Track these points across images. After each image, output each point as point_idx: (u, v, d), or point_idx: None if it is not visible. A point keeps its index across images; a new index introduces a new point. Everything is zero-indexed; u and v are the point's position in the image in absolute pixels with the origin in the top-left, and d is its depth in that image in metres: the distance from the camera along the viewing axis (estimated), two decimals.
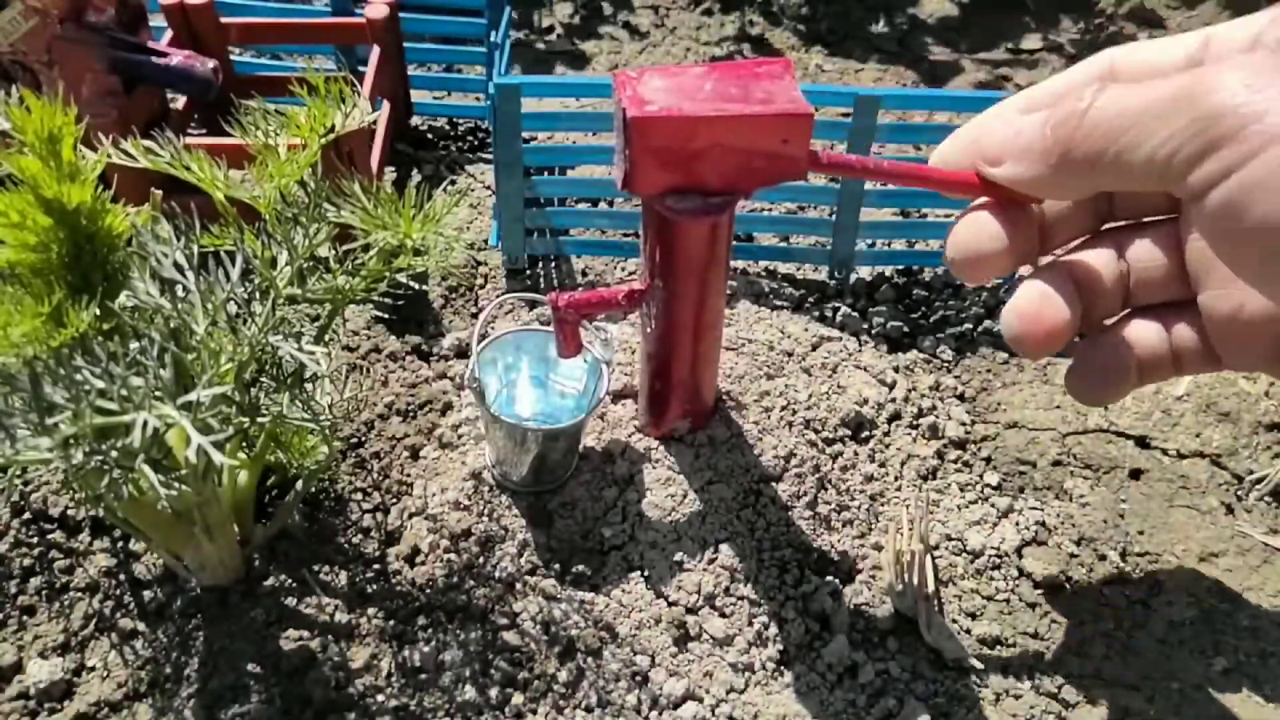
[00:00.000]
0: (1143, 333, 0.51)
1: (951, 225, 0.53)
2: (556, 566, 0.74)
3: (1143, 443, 0.89)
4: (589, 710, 0.67)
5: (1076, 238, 0.54)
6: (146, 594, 0.72)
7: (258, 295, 0.59)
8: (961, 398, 0.93)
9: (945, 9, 1.61)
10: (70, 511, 0.75)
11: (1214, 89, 0.41)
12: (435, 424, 0.84)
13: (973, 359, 0.96)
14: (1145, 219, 0.53)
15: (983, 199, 0.53)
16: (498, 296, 0.95)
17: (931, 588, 0.75)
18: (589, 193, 1.07)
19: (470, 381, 0.71)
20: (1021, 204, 0.52)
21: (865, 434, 0.85)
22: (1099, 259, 0.52)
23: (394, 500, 0.78)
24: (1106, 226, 0.54)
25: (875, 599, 0.75)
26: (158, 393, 0.49)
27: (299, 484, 0.72)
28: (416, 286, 0.66)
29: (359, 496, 0.78)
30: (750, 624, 0.71)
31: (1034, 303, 0.51)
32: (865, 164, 0.58)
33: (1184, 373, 0.51)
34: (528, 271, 1.03)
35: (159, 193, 0.66)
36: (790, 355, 0.89)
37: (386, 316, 0.93)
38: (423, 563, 0.74)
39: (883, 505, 0.81)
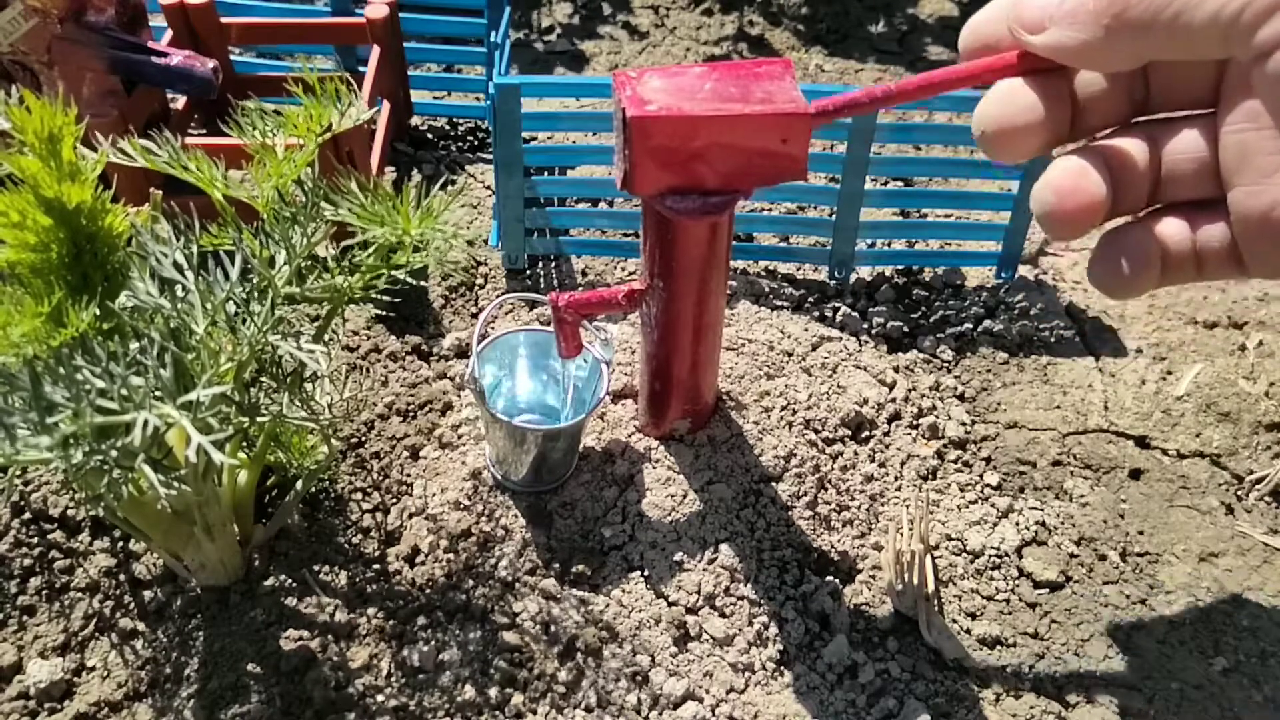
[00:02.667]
0: (1168, 229, 0.49)
1: (983, 98, 0.51)
2: (556, 566, 0.74)
3: (1143, 443, 0.89)
4: (589, 710, 0.67)
5: (1108, 126, 0.52)
6: (146, 594, 0.72)
7: (257, 295, 0.59)
8: (961, 398, 0.93)
9: (945, 9, 1.61)
10: (70, 511, 0.75)
11: None
12: (435, 424, 0.84)
13: (973, 359, 0.96)
14: (1180, 114, 0.50)
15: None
16: (498, 296, 0.95)
17: (931, 588, 0.75)
18: (589, 193, 1.08)
19: (470, 381, 0.71)
20: (1054, 76, 0.49)
21: (865, 434, 0.85)
22: (1131, 146, 0.50)
23: (394, 500, 0.78)
24: (1139, 119, 0.52)
25: (875, 599, 0.75)
26: (158, 392, 0.49)
27: (299, 484, 0.72)
28: (415, 283, 0.66)
29: (359, 496, 0.78)
30: (750, 624, 0.71)
31: (1070, 176, 0.48)
32: (874, 94, 0.56)
33: (1205, 276, 0.50)
34: (528, 271, 1.03)
35: (159, 193, 0.66)
36: (790, 355, 0.89)
37: (386, 316, 0.93)
38: (423, 563, 0.74)
39: (883, 505, 0.81)
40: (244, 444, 0.70)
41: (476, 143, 1.24)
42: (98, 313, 0.55)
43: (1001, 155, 0.51)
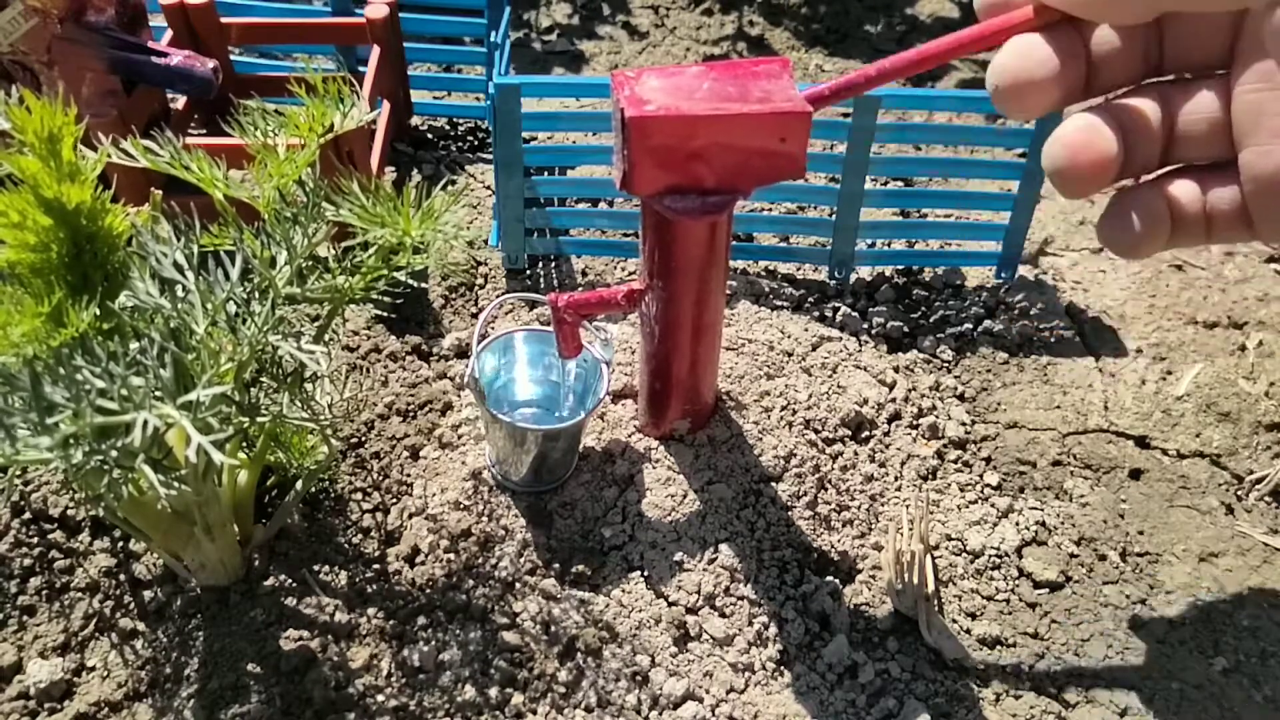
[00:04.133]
0: (1179, 189, 0.49)
1: (997, 54, 0.50)
2: (556, 566, 0.74)
3: (1143, 443, 0.89)
4: (589, 710, 0.67)
5: (1121, 85, 0.52)
6: (146, 594, 0.72)
7: (257, 295, 0.59)
8: (961, 398, 0.93)
9: (944, 9, 1.61)
10: (70, 511, 0.75)
11: None
12: (435, 424, 0.84)
13: (973, 359, 0.96)
14: (1193, 76, 0.50)
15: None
16: (498, 296, 0.95)
17: (931, 588, 0.75)
18: (589, 193, 1.08)
19: (470, 381, 0.71)
20: (1070, 31, 0.49)
21: (865, 434, 0.85)
22: (1144, 106, 0.50)
23: (394, 500, 0.78)
24: (1151, 81, 0.52)
25: (875, 599, 0.75)
26: (158, 392, 0.49)
27: (299, 484, 0.72)
28: (415, 284, 0.66)
29: (359, 496, 0.78)
30: (750, 624, 0.71)
31: (1082, 132, 0.48)
32: (869, 73, 0.55)
33: (1215, 238, 0.50)
34: (528, 271, 1.03)
35: (159, 193, 0.66)
36: (790, 355, 0.89)
37: (386, 316, 0.93)
38: (423, 563, 0.74)
39: (883, 505, 0.81)
40: (244, 444, 0.70)
41: (476, 143, 1.24)
42: (98, 313, 0.55)
43: (1015, 110, 0.50)
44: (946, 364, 0.96)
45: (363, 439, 0.82)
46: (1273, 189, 0.45)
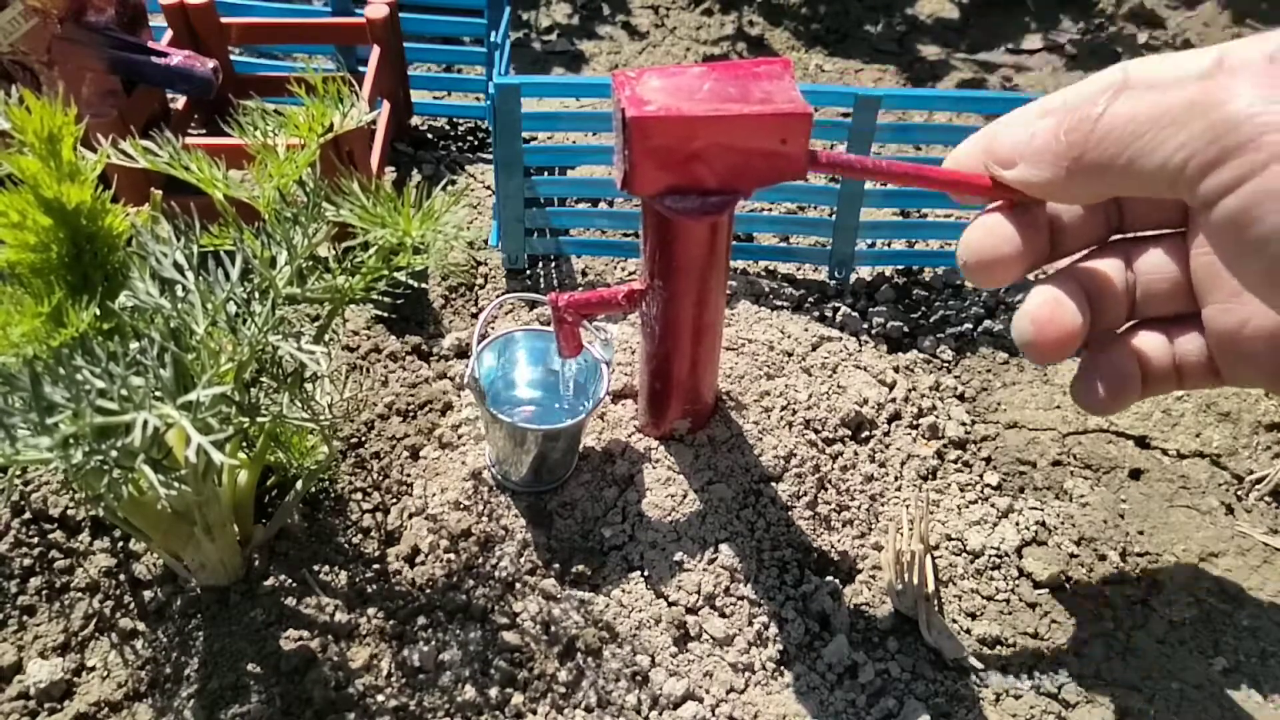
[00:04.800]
0: (1148, 344, 0.52)
1: (964, 229, 0.54)
2: (556, 566, 0.74)
3: (1143, 443, 0.89)
4: (589, 710, 0.67)
5: (1086, 247, 0.55)
6: (146, 594, 0.72)
7: (257, 295, 0.59)
8: (961, 398, 0.93)
9: (943, 9, 1.61)
10: (70, 511, 0.75)
11: (1229, 98, 0.42)
12: (435, 424, 0.84)
13: (973, 359, 0.96)
14: (1154, 232, 0.53)
15: (994, 203, 0.53)
16: (498, 296, 0.95)
17: (931, 588, 0.75)
18: (589, 193, 1.08)
19: (470, 381, 0.71)
20: (1033, 207, 0.52)
21: (865, 434, 0.85)
22: (1108, 268, 0.53)
23: (394, 500, 0.78)
24: (1115, 238, 0.54)
25: (875, 599, 0.75)
26: (158, 393, 0.49)
27: (299, 484, 0.72)
28: (416, 285, 0.66)
29: (359, 496, 0.78)
30: (750, 624, 0.71)
31: (1047, 307, 0.51)
32: (865, 164, 0.59)
33: (1185, 386, 0.52)
34: (528, 271, 1.03)
35: (159, 193, 0.66)
36: (790, 355, 0.89)
37: (386, 316, 0.93)
38: (423, 563, 0.74)
39: (883, 505, 0.81)
40: (244, 444, 0.70)
41: (476, 143, 1.24)
42: (98, 313, 0.55)
43: (984, 283, 0.54)
44: (946, 364, 0.96)
45: (363, 439, 0.82)
46: (1237, 345, 0.47)
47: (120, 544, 0.74)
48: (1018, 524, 0.80)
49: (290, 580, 0.72)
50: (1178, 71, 0.47)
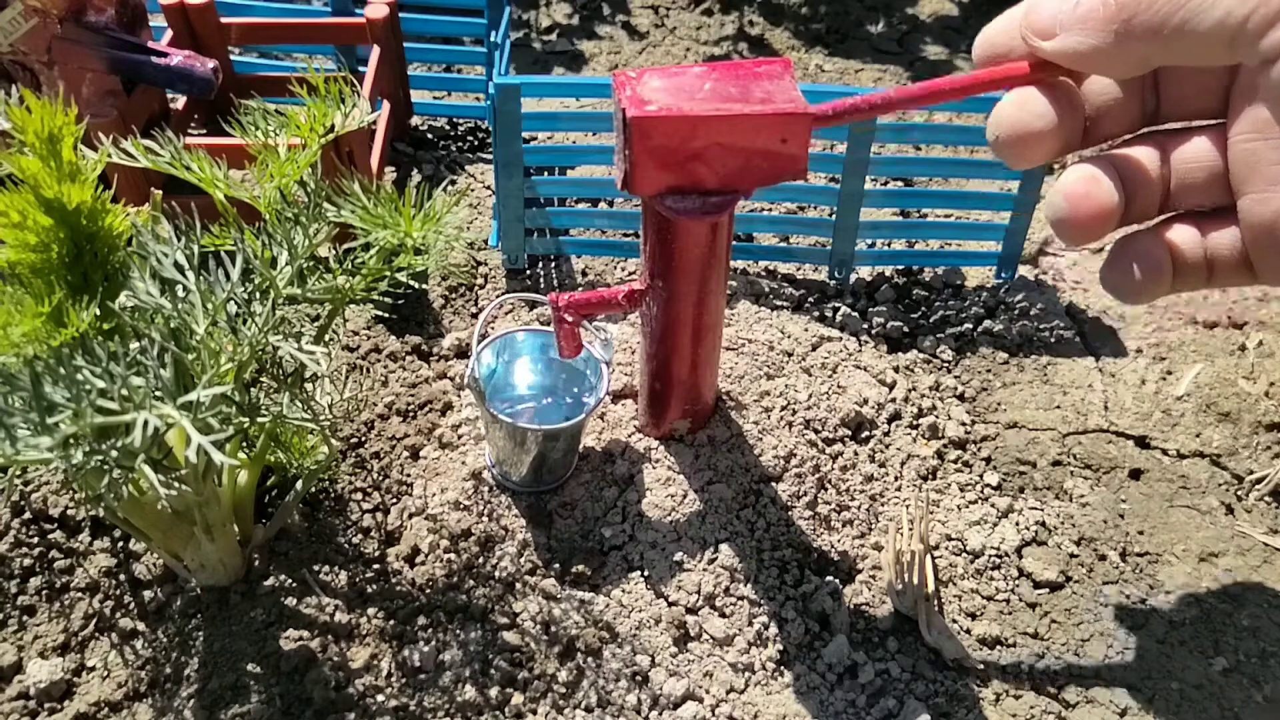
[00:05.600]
0: (1180, 235, 0.50)
1: (996, 104, 0.52)
2: (556, 566, 0.74)
3: (1143, 443, 0.89)
4: (589, 710, 0.67)
5: (1121, 134, 0.53)
6: (146, 594, 0.72)
7: (258, 295, 0.59)
8: (961, 398, 0.93)
9: (944, 9, 1.61)
10: (70, 511, 0.75)
11: None
12: (435, 424, 0.84)
13: (973, 359, 0.96)
14: (1191, 123, 0.51)
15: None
16: (498, 296, 0.95)
17: (931, 588, 0.75)
18: (589, 193, 1.08)
19: (470, 381, 0.71)
20: (1068, 85, 0.50)
21: (865, 434, 0.85)
22: (1143, 155, 0.51)
23: (394, 500, 0.78)
24: (1149, 129, 0.53)
25: (875, 599, 0.75)
26: (158, 393, 0.49)
27: (299, 484, 0.72)
28: (416, 286, 0.66)
29: (359, 496, 0.78)
30: (750, 624, 0.71)
31: (1083, 183, 0.49)
32: (872, 101, 0.56)
33: (1216, 283, 0.51)
34: (528, 271, 1.03)
35: (159, 193, 0.66)
36: (790, 355, 0.89)
37: (386, 316, 0.93)
38: (423, 563, 0.74)
39: (883, 505, 0.81)
40: (244, 444, 0.70)
41: (476, 143, 1.24)
42: (98, 313, 0.55)
43: (1015, 160, 0.51)
44: (946, 364, 0.96)
45: (363, 439, 0.82)
46: (1271, 235, 0.46)
47: (120, 544, 0.74)
48: (1018, 524, 0.80)
49: (290, 580, 0.72)
50: None
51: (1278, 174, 0.45)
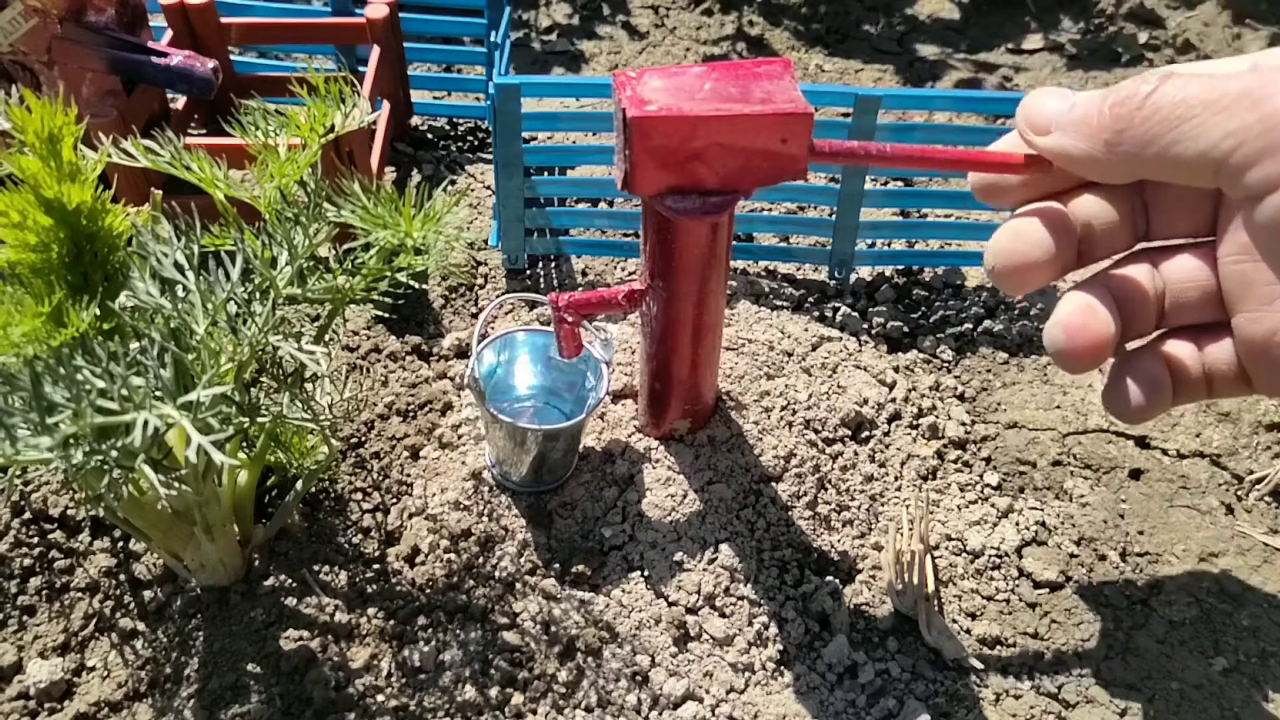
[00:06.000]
0: (1178, 351, 0.51)
1: (992, 233, 0.53)
2: (556, 566, 0.74)
3: (1143, 443, 0.89)
4: (589, 710, 0.67)
5: (1113, 254, 0.54)
6: (146, 594, 0.72)
7: (258, 295, 0.59)
8: (961, 398, 0.93)
9: (944, 9, 1.61)
10: (70, 511, 0.75)
11: None
12: (435, 424, 0.84)
13: (973, 359, 0.97)
14: (1182, 240, 0.52)
15: (1023, 208, 0.52)
16: (498, 296, 0.95)
17: (931, 588, 0.75)
18: (589, 193, 1.08)
19: (470, 381, 0.71)
20: (1062, 209, 0.51)
21: (865, 434, 0.85)
22: (1137, 275, 0.52)
23: (394, 500, 0.78)
24: (1142, 246, 0.53)
25: (875, 599, 0.75)
26: (158, 393, 0.49)
27: (299, 484, 0.72)
28: (416, 286, 0.66)
29: (359, 496, 0.78)
30: (750, 624, 0.71)
31: (1079, 315, 0.50)
32: (868, 149, 0.57)
33: (1216, 394, 0.51)
34: (528, 271, 1.03)
35: (159, 193, 0.66)
36: (790, 355, 0.89)
37: (386, 316, 0.93)
38: (423, 563, 0.74)
39: (883, 505, 0.81)
40: (244, 444, 0.70)
41: (476, 143, 1.24)
42: (98, 313, 0.55)
43: (1013, 289, 0.52)
44: (946, 364, 0.96)
45: (363, 439, 0.82)
46: (1266, 353, 0.46)
47: (120, 544, 0.74)
48: (1018, 524, 0.80)
49: (290, 580, 0.72)
50: (1226, 68, 0.46)
51: (1270, 294, 0.45)
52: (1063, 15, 1.58)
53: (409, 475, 0.80)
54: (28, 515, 0.74)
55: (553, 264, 1.04)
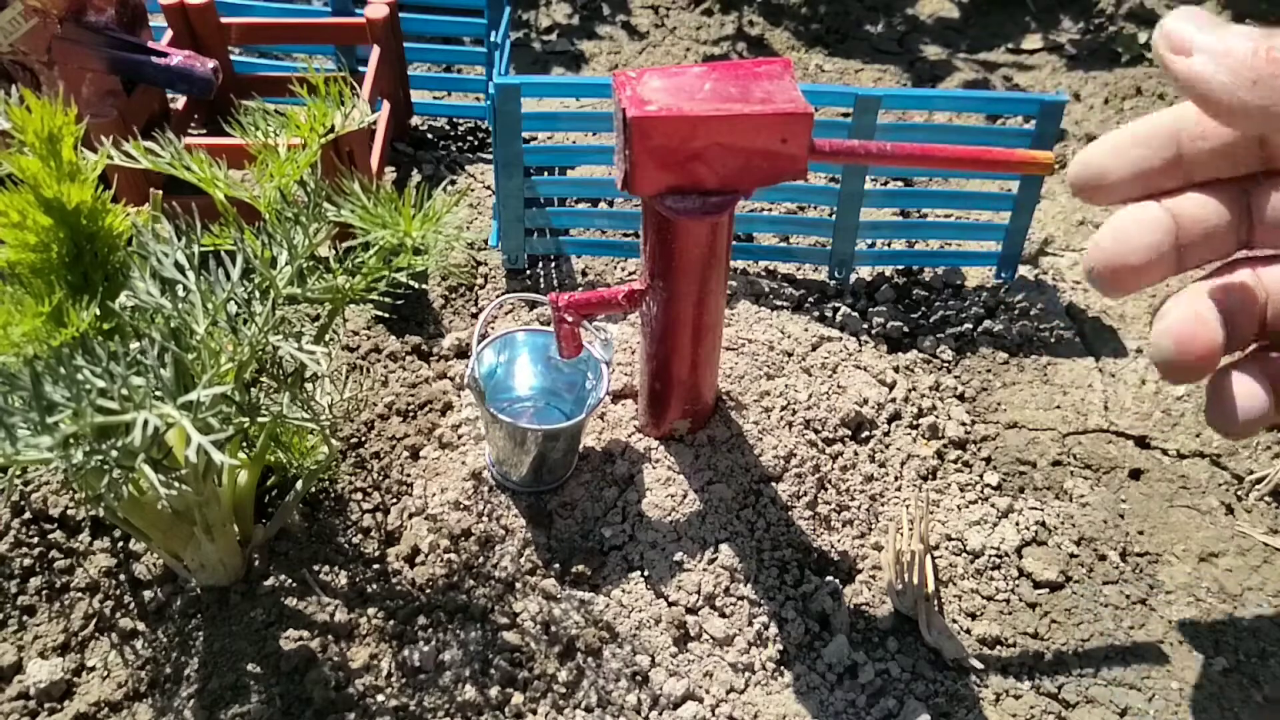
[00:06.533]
0: (1277, 365, 0.49)
1: (1095, 236, 0.51)
2: (556, 566, 0.74)
3: (1143, 443, 0.89)
4: (589, 710, 0.67)
5: (1213, 260, 0.52)
6: (146, 594, 0.72)
7: (258, 295, 0.59)
8: (961, 398, 0.93)
9: (945, 9, 1.61)
10: (70, 511, 0.75)
11: None
12: (435, 424, 0.84)
13: (973, 359, 0.96)
14: None
15: (1123, 207, 0.51)
16: (498, 296, 0.95)
17: (931, 588, 0.75)
18: (589, 193, 1.08)
19: (470, 381, 0.71)
20: (1164, 211, 0.50)
21: (865, 434, 0.85)
22: (1242, 284, 0.50)
23: (394, 500, 0.78)
24: (1242, 255, 0.51)
25: (875, 599, 0.75)
26: (158, 392, 0.49)
27: (299, 484, 0.72)
28: (416, 286, 0.66)
29: (359, 496, 0.78)
30: (750, 624, 0.71)
31: (1190, 324, 0.48)
32: (869, 149, 0.57)
33: None
34: (528, 271, 1.03)
35: (159, 193, 0.66)
36: (790, 355, 0.89)
37: (386, 316, 0.93)
38: (423, 563, 0.74)
39: (883, 505, 0.81)
40: (244, 444, 0.70)
41: (476, 143, 1.24)
42: (98, 313, 0.55)
43: (1110, 291, 0.51)
44: (946, 364, 0.96)
45: (363, 439, 0.82)
46: None
47: (120, 544, 0.74)
48: (1018, 524, 0.80)
49: (290, 580, 0.72)
50: None
51: None
52: (1063, 15, 1.58)
53: (409, 475, 0.80)
54: (28, 515, 0.74)
55: (553, 264, 1.04)
